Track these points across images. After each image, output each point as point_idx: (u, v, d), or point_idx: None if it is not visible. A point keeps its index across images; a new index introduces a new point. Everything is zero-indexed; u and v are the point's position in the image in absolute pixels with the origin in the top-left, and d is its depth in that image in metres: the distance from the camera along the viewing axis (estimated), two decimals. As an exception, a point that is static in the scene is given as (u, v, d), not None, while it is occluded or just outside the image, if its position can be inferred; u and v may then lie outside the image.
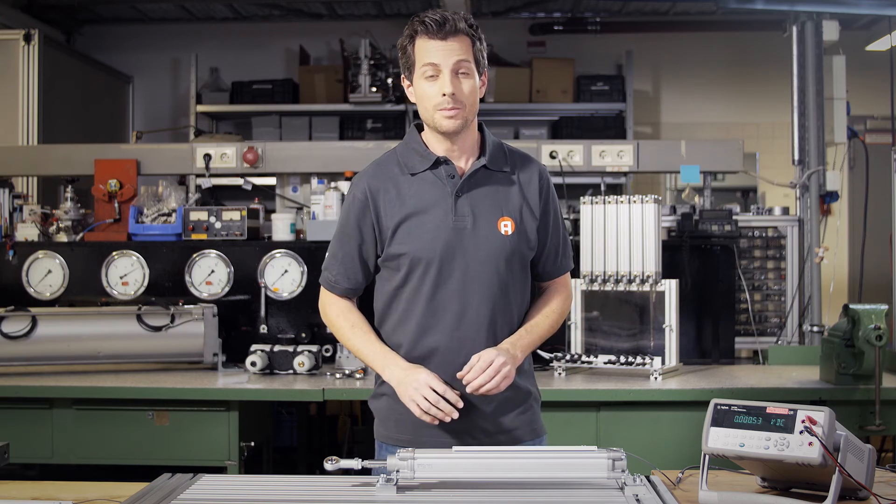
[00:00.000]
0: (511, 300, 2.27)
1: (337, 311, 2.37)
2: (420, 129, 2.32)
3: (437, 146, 2.26)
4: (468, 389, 2.14)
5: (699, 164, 4.55)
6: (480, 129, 2.31)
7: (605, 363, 3.80)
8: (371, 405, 2.36)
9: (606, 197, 3.89)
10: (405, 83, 2.28)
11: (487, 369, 2.12)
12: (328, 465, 1.94)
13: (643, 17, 7.16)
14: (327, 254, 2.38)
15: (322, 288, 2.41)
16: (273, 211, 4.73)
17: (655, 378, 3.67)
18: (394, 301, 2.29)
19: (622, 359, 3.77)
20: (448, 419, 2.12)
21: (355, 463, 1.92)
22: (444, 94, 2.16)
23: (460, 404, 2.13)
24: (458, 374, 2.15)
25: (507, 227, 2.24)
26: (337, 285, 2.36)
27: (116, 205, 4.41)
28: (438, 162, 2.25)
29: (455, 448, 1.94)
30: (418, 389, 2.13)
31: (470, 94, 2.19)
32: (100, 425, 3.60)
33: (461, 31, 2.17)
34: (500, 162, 2.29)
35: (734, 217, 4.41)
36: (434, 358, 2.22)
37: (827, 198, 4.74)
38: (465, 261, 2.22)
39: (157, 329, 3.97)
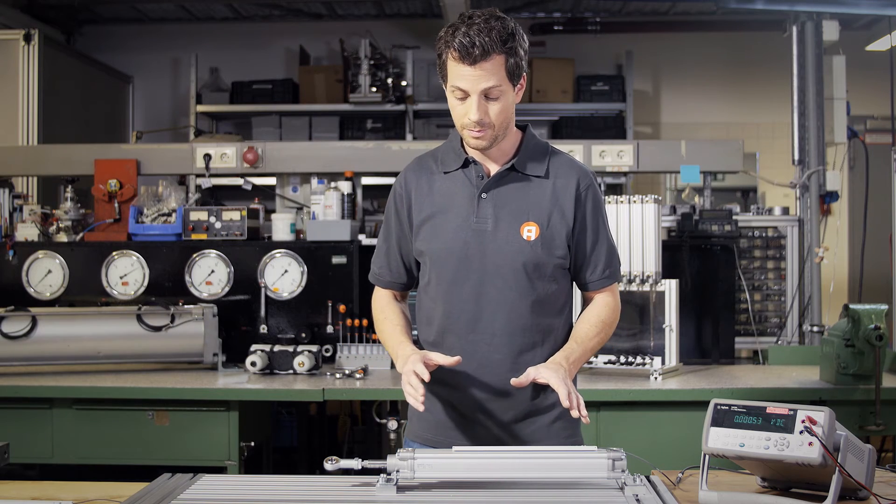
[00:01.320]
0: (537, 309, 2.19)
1: (377, 306, 2.37)
2: None
3: (471, 147, 2.22)
4: (574, 415, 2.01)
5: (699, 164, 4.55)
6: (524, 129, 2.26)
7: (605, 363, 3.80)
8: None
9: (606, 197, 3.89)
10: (441, 78, 2.18)
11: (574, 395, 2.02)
12: (328, 465, 1.94)
13: (643, 17, 7.16)
14: (376, 246, 2.39)
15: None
16: (273, 211, 4.74)
17: (655, 378, 3.67)
18: (422, 299, 2.29)
19: (622, 359, 3.77)
20: (418, 405, 2.01)
21: (355, 463, 1.92)
22: (471, 119, 2.10)
23: (426, 377, 2.02)
24: (564, 395, 2.01)
25: (530, 232, 2.16)
26: (381, 278, 2.36)
27: (116, 205, 4.41)
28: (468, 162, 2.22)
29: (455, 448, 1.93)
30: (405, 376, 2.07)
31: (499, 115, 2.12)
32: (100, 425, 3.61)
33: (492, 52, 2.05)
34: (535, 166, 2.21)
35: (734, 217, 4.42)
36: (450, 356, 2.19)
37: (827, 198, 4.74)
38: (483, 264, 2.17)
39: (157, 329, 3.98)
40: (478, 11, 2.10)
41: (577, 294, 2.38)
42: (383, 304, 2.36)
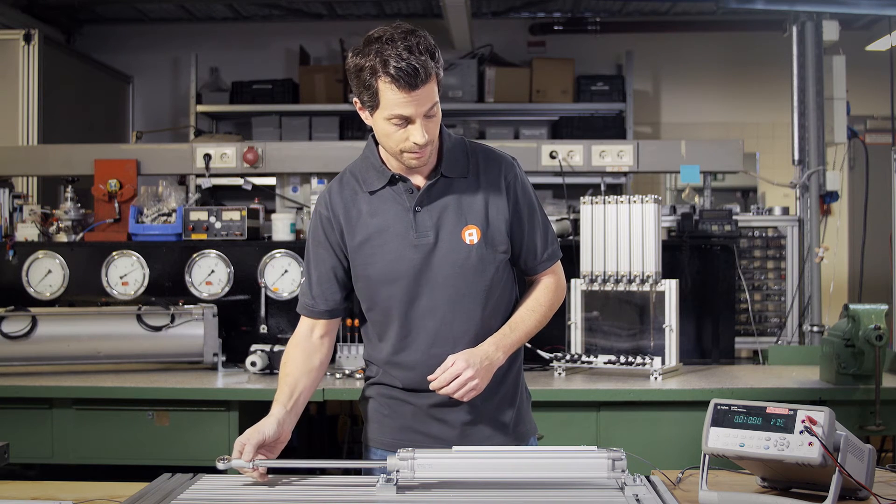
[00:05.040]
0: (492, 306, 2.19)
1: (290, 343, 2.27)
2: (378, 140, 2.18)
3: (394, 162, 2.15)
4: (430, 388, 2.10)
5: (699, 164, 4.55)
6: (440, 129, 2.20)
7: (605, 363, 3.80)
8: (360, 407, 2.35)
9: (606, 197, 3.89)
10: (357, 105, 2.09)
11: (453, 381, 2.06)
12: (219, 465, 1.96)
13: (643, 17, 7.16)
14: (303, 279, 2.27)
15: (301, 317, 2.29)
16: (273, 211, 4.73)
17: (655, 378, 3.67)
18: (367, 322, 2.25)
19: (622, 359, 3.77)
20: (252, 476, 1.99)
21: (245, 463, 1.95)
22: (417, 143, 2.04)
23: (249, 471, 1.98)
24: (429, 377, 2.10)
25: (471, 235, 2.15)
26: (314, 308, 2.24)
27: (116, 205, 4.41)
28: (395, 178, 2.16)
29: (455, 448, 1.94)
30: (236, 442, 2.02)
31: (436, 129, 2.09)
32: (100, 425, 3.60)
33: (431, 72, 2.00)
34: (460, 168, 2.18)
35: (734, 217, 4.42)
36: (411, 373, 2.19)
37: (827, 198, 4.74)
38: (432, 277, 2.14)
39: (157, 329, 3.98)
40: (387, 30, 2.01)
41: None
42: (292, 345, 2.25)
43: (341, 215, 2.19)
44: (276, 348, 3.96)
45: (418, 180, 2.17)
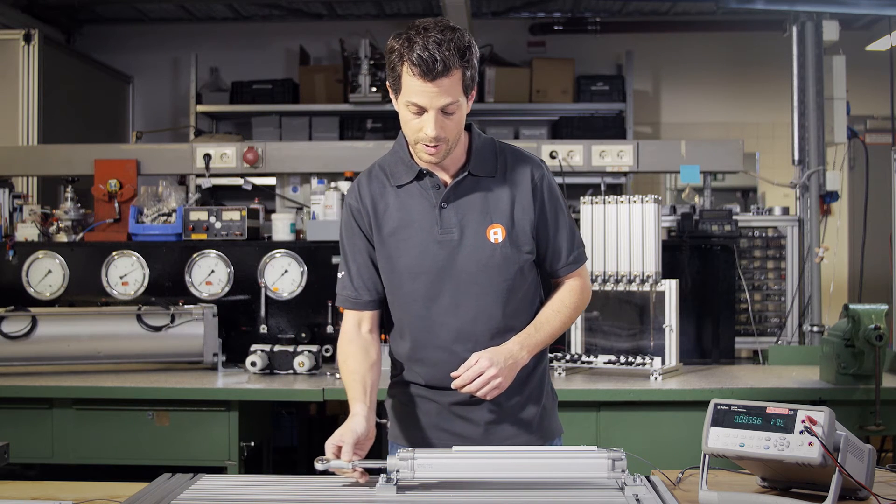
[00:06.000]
0: (514, 306, 2.19)
1: (343, 340, 2.26)
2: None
3: (425, 162, 2.17)
4: (452, 385, 2.10)
5: (699, 164, 4.55)
6: (469, 128, 2.21)
7: (605, 363, 3.80)
8: (386, 404, 2.35)
9: (606, 197, 3.89)
10: (389, 88, 2.12)
11: (476, 379, 2.06)
12: (318, 465, 1.94)
13: (643, 17, 7.16)
14: (339, 274, 2.27)
15: (345, 312, 2.28)
16: (273, 211, 4.74)
17: (655, 378, 3.67)
18: (390, 315, 2.25)
19: (622, 359, 3.77)
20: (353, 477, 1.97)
21: (347, 463, 1.92)
22: (427, 135, 2.05)
23: (349, 471, 1.95)
24: (452, 374, 2.10)
25: (496, 234, 2.15)
26: (359, 299, 2.24)
27: (116, 205, 4.41)
28: (422, 174, 2.17)
29: (455, 448, 1.94)
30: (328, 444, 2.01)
31: (455, 128, 2.08)
32: (100, 425, 3.60)
33: (452, 67, 2.00)
34: (488, 167, 2.19)
35: (734, 217, 4.42)
36: (433, 369, 2.20)
37: (827, 198, 4.74)
38: (456, 274, 2.15)
39: (157, 329, 3.98)
40: (430, 21, 2.05)
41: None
42: (346, 342, 2.25)
43: (370, 207, 2.20)
44: (277, 348, 3.96)
45: (446, 177, 2.19)
